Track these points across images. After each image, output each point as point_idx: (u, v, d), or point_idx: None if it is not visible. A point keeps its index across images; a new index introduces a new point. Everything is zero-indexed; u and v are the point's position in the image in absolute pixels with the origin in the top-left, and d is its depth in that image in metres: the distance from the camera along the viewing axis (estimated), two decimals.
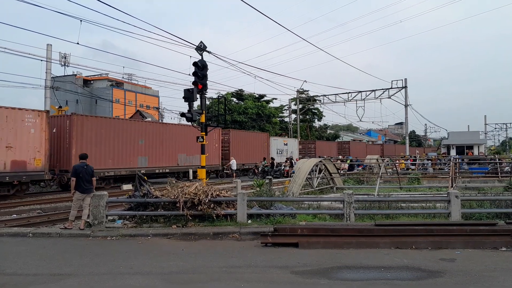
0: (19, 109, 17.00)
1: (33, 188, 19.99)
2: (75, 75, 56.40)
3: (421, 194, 16.71)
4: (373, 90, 42.03)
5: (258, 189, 12.41)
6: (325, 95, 46.36)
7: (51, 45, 27.18)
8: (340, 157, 36.87)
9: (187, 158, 26.27)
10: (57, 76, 39.26)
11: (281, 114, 54.55)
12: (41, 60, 26.89)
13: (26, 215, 13.32)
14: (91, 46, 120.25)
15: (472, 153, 37.72)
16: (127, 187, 21.32)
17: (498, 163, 25.44)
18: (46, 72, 27.43)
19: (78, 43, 20.40)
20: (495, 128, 73.39)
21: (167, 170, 24.57)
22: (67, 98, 49.73)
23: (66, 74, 43.00)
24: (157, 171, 24.24)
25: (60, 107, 27.01)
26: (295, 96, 48.89)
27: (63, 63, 32.00)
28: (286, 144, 38.92)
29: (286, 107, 53.31)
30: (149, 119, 34.87)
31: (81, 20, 18.18)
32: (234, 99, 49.03)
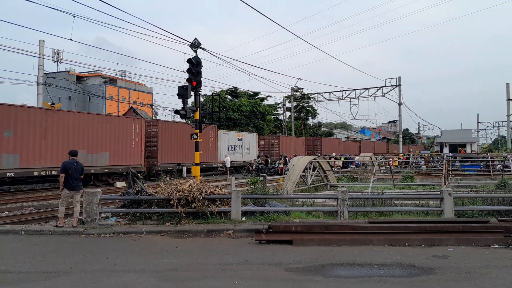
0: None
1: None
2: (68, 71, 55.98)
3: (415, 192, 16.81)
4: (367, 88, 42.23)
5: (252, 186, 12.41)
6: (319, 93, 46.52)
7: (43, 41, 27.03)
8: (333, 154, 36.93)
9: (89, 156, 19.99)
10: (49, 73, 38.94)
11: (275, 112, 54.57)
12: (34, 56, 26.74)
13: (18, 212, 13.21)
14: (85, 43, 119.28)
15: (465, 151, 38.06)
16: (120, 184, 21.23)
17: (490, 161, 25.67)
18: (38, 68, 27.27)
19: (71, 39, 20.23)
20: (487, 127, 74.38)
21: (54, 172, 17.99)
22: (60, 94, 49.35)
23: (59, 71, 42.64)
24: (36, 173, 17.86)
25: (53, 103, 26.76)
26: (290, 94, 48.95)
27: (55, 59, 31.68)
28: (241, 140, 33.37)
29: (280, 105, 53.38)
30: (50, 107, 31.15)
31: (74, 16, 17.99)
32: (229, 97, 48.94)
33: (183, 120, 15.62)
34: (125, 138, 22.43)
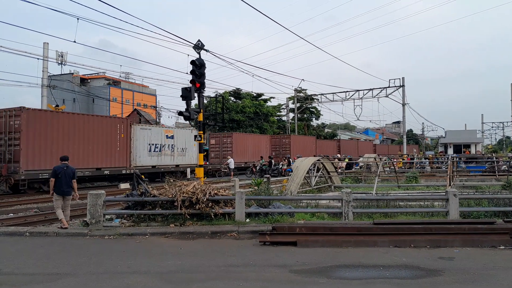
0: None
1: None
2: (72, 73, 56.28)
3: (419, 192, 16.72)
4: (370, 89, 42.13)
5: (256, 187, 12.38)
6: (323, 94, 46.45)
7: (47, 43, 27.16)
8: (338, 155, 36.83)
9: None
10: (54, 75, 39.17)
11: (278, 113, 54.62)
12: (38, 59, 26.87)
13: (23, 214, 13.25)
14: (88, 45, 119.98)
15: (470, 151, 37.89)
16: (124, 186, 21.26)
17: (495, 162, 25.54)
18: (43, 71, 27.40)
19: (75, 42, 20.40)
20: (492, 127, 73.99)
21: None
22: (64, 96, 49.66)
23: (63, 73, 42.85)
24: None
25: (57, 105, 26.90)
26: (293, 95, 48.93)
27: (60, 62, 31.83)
28: (172, 137, 26.12)
29: (284, 106, 53.39)
30: None
31: (78, 18, 18.08)
32: (232, 98, 49.05)
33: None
34: None
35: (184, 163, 27.01)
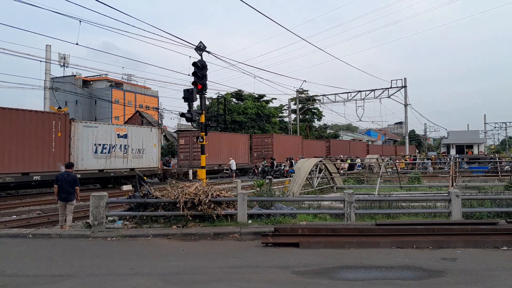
0: None
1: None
2: (75, 75, 56.41)
3: (422, 193, 16.71)
4: (372, 90, 42.06)
5: (258, 189, 12.40)
6: (324, 95, 46.41)
7: (50, 45, 27.22)
8: (340, 156, 36.77)
9: None
10: (56, 77, 39.30)
11: (280, 114, 54.60)
12: (40, 61, 26.93)
13: (25, 216, 13.31)
14: (91, 47, 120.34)
15: (472, 152, 37.86)
16: (127, 187, 21.29)
17: (498, 162, 25.50)
18: (45, 73, 27.46)
19: (77, 44, 20.43)
20: (495, 127, 73.76)
21: None
22: (66, 98, 49.77)
23: (65, 75, 42.98)
24: None
25: (60, 107, 26.98)
26: (295, 96, 48.91)
27: (62, 64, 31.96)
28: (125, 136, 22.38)
29: (285, 107, 53.37)
30: None
31: (80, 21, 18.17)
32: (234, 100, 49.10)
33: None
34: None
35: (141, 166, 22.93)
